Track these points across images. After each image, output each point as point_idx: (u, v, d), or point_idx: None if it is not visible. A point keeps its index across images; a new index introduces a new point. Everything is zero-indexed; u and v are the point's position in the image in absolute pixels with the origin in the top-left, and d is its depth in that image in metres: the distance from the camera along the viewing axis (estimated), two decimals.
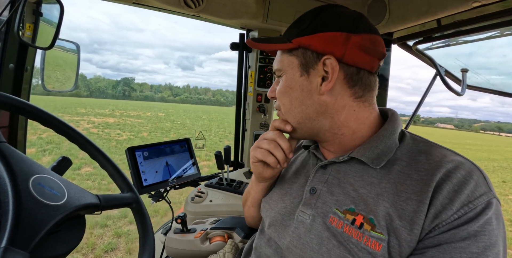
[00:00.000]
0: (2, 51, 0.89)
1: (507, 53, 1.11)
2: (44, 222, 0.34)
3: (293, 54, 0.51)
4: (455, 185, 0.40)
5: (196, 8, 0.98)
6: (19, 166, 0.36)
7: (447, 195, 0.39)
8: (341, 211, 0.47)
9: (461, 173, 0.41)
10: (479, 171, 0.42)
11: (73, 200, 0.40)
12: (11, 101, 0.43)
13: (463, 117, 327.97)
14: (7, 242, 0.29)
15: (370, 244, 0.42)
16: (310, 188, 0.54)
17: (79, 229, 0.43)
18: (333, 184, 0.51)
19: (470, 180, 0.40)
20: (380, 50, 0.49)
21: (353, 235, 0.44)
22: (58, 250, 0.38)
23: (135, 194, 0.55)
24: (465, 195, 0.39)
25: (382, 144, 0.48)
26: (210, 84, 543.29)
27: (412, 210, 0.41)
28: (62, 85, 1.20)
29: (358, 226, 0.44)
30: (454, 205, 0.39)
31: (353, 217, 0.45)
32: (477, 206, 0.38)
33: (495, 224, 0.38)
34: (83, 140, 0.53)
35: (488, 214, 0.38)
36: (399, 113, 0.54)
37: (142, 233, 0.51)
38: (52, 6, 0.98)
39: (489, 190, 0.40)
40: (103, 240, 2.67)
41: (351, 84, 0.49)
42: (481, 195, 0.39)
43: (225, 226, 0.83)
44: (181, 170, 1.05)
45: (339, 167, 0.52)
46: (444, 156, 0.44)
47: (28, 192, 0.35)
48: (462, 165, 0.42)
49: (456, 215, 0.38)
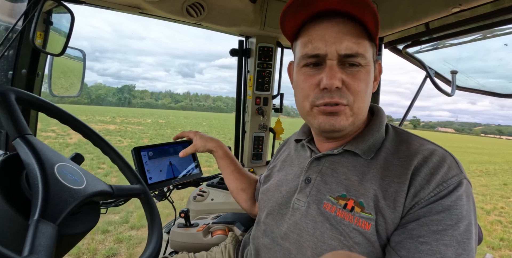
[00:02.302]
0: (16, 58, 0.95)
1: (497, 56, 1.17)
2: (68, 202, 0.39)
3: (372, 46, 0.50)
4: (431, 168, 0.45)
5: (197, 17, 1.04)
6: (45, 154, 0.41)
7: (424, 177, 0.45)
8: (334, 197, 0.51)
9: (435, 158, 0.46)
10: (451, 157, 0.48)
11: (90, 186, 0.45)
12: (36, 100, 0.49)
13: (463, 121, 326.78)
14: (39, 215, 0.34)
15: (360, 224, 0.46)
16: (305, 178, 0.58)
17: (95, 213, 0.48)
18: (326, 173, 0.55)
19: (444, 163, 0.46)
20: None
21: (345, 217, 0.48)
22: (78, 229, 0.43)
23: (143, 186, 0.60)
24: (439, 176, 0.44)
25: (372, 137, 0.53)
26: (210, 91, 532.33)
27: (394, 191, 0.46)
28: (68, 91, 1.26)
29: (349, 210, 0.48)
30: (430, 185, 0.44)
31: (345, 202, 0.49)
32: (450, 185, 0.44)
33: (465, 200, 0.43)
34: (97, 137, 0.58)
35: (460, 191, 0.43)
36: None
37: (151, 221, 0.56)
38: (61, 15, 1.05)
39: (460, 172, 0.45)
40: (105, 246, 2.67)
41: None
42: (453, 176, 0.45)
43: (226, 221, 0.87)
44: (184, 170, 1.09)
45: (333, 159, 0.56)
46: (421, 144, 0.50)
47: (54, 177, 0.40)
48: (436, 151, 0.48)
49: (433, 193, 0.44)
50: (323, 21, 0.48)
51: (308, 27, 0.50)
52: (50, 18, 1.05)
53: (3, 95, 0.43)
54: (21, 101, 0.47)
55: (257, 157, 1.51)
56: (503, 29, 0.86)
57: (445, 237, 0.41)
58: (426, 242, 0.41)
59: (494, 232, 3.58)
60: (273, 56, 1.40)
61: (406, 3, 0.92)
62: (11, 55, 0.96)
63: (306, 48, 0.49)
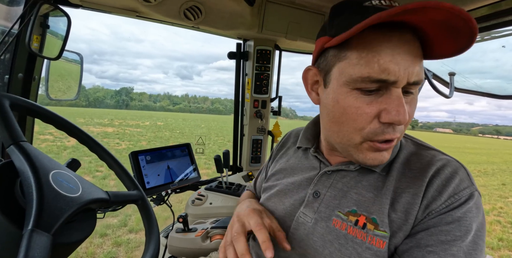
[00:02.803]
0: (12, 62, 0.94)
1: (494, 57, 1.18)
2: (63, 211, 0.38)
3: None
4: (443, 180, 0.44)
5: (195, 20, 1.04)
6: (40, 162, 0.41)
7: (436, 188, 0.44)
8: (344, 213, 0.48)
9: (448, 170, 0.45)
10: (463, 168, 0.47)
11: (86, 194, 0.44)
12: (31, 106, 0.48)
13: (461, 121, 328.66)
14: (33, 224, 0.33)
15: (375, 242, 0.44)
16: (314, 192, 0.54)
17: (91, 221, 0.47)
18: (336, 187, 0.52)
19: (456, 175, 0.45)
20: None
21: (357, 235, 0.45)
22: (74, 237, 0.42)
23: (140, 192, 0.59)
24: (451, 188, 0.44)
25: (392, 153, 0.50)
26: (209, 93, 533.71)
27: (406, 202, 0.45)
28: (65, 94, 1.25)
29: (361, 227, 0.45)
30: (442, 197, 0.43)
31: (356, 218, 0.46)
32: (461, 197, 0.43)
33: (475, 212, 0.43)
34: (93, 142, 0.58)
35: (470, 203, 0.43)
36: None
37: (148, 228, 0.55)
38: (57, 19, 1.04)
39: (471, 184, 0.45)
40: (103, 249, 2.65)
41: None
42: (465, 188, 0.44)
43: (225, 225, 0.86)
44: (182, 173, 1.09)
45: (346, 173, 0.53)
46: (434, 156, 0.48)
47: (49, 185, 0.39)
48: (449, 163, 0.47)
49: (444, 204, 0.43)
50: (392, 35, 0.38)
51: (368, 36, 0.39)
52: (47, 22, 1.04)
53: None
54: (15, 107, 0.46)
55: (255, 160, 1.50)
56: (500, 31, 0.86)
57: (453, 248, 0.40)
58: (433, 251, 0.41)
59: (493, 232, 3.59)
60: (271, 59, 1.40)
61: None
62: (7, 59, 0.95)
63: (369, 68, 0.39)
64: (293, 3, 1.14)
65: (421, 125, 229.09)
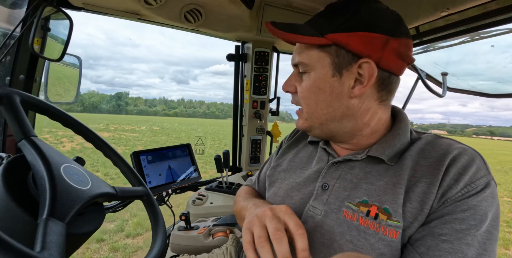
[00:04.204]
0: (14, 64, 0.95)
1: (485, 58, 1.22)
2: (75, 202, 0.39)
3: (325, 51, 0.47)
4: (460, 168, 0.44)
5: (195, 23, 1.06)
6: (51, 155, 0.42)
7: (452, 177, 0.43)
8: (354, 204, 0.47)
9: (465, 158, 0.45)
10: (480, 157, 0.46)
11: (95, 187, 0.45)
12: (40, 103, 0.49)
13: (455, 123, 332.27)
14: (48, 213, 0.34)
15: (388, 233, 0.43)
16: (322, 184, 0.53)
17: (100, 214, 0.48)
18: (346, 179, 0.51)
19: (473, 164, 0.44)
20: (410, 55, 0.49)
21: (370, 226, 0.44)
22: (85, 229, 0.43)
23: (146, 188, 0.60)
24: (468, 177, 0.43)
25: (399, 142, 0.49)
26: (205, 97, 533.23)
27: (421, 191, 0.44)
28: (63, 97, 1.26)
29: (373, 217, 0.44)
30: (459, 185, 0.42)
31: (367, 209, 0.45)
32: (478, 186, 0.42)
33: (490, 201, 0.42)
34: (99, 140, 0.59)
35: (486, 192, 0.42)
36: None
37: (154, 221, 0.56)
38: (58, 22, 1.06)
39: (488, 173, 0.44)
40: (100, 255, 2.62)
41: (381, 88, 0.49)
42: (482, 177, 0.43)
43: (227, 223, 0.87)
44: (183, 173, 1.09)
45: (353, 163, 0.52)
46: (449, 144, 0.48)
47: (61, 177, 0.40)
48: (465, 151, 0.46)
49: (460, 193, 0.42)
50: None
51: None
52: (48, 25, 1.06)
53: (9, 98, 0.44)
54: (25, 104, 0.47)
55: (255, 160, 1.52)
56: (489, 32, 0.90)
57: (468, 237, 0.40)
58: (448, 240, 0.40)
59: None
60: (269, 61, 1.43)
61: (397, 8, 0.95)
62: (9, 61, 0.96)
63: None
64: (291, 6, 1.17)
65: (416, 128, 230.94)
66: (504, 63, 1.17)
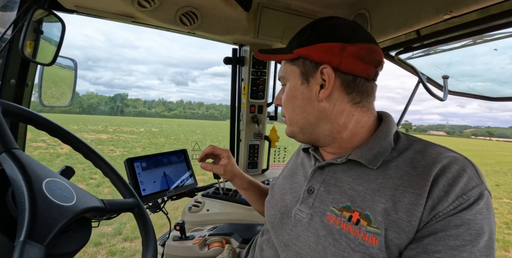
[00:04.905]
0: (5, 68, 0.92)
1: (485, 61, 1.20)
2: (56, 220, 0.36)
3: (295, 64, 0.55)
4: (450, 179, 0.42)
5: (191, 25, 1.04)
6: (32, 170, 0.39)
7: (442, 188, 0.42)
8: (338, 209, 0.49)
9: (455, 168, 0.43)
10: (472, 166, 0.45)
11: (81, 202, 0.43)
12: (24, 112, 0.47)
13: (454, 124, 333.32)
14: (25, 236, 0.32)
15: (367, 239, 0.43)
16: (308, 188, 0.56)
17: (86, 231, 0.45)
18: (330, 183, 0.53)
19: (464, 173, 0.43)
20: (376, 58, 0.52)
21: (350, 231, 0.45)
22: (68, 248, 0.40)
23: (137, 200, 0.58)
24: (459, 188, 0.41)
25: (378, 145, 0.50)
26: (204, 98, 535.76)
27: (409, 202, 0.43)
28: (59, 100, 1.24)
29: (354, 223, 0.45)
30: (449, 197, 0.41)
31: (350, 214, 0.47)
32: (470, 197, 0.41)
33: (485, 213, 0.41)
34: (87, 149, 0.56)
35: (480, 204, 0.41)
36: None
37: (145, 236, 0.53)
38: (51, 24, 1.03)
39: (481, 182, 0.43)
40: None
41: (348, 91, 0.52)
42: (474, 187, 0.42)
43: (223, 232, 0.85)
44: (178, 180, 1.07)
45: (336, 167, 0.54)
46: (439, 153, 0.47)
47: (42, 193, 0.37)
48: (456, 160, 0.45)
49: (452, 206, 0.41)
50: None
51: None
52: (41, 27, 1.03)
53: None
54: (7, 113, 0.45)
55: (252, 165, 1.49)
56: (492, 35, 0.88)
57: (463, 253, 0.38)
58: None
59: None
60: (267, 64, 1.40)
61: (398, 11, 0.94)
62: (0, 65, 0.93)
63: None
64: (289, 9, 1.15)
65: (415, 129, 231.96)
66: (502, 64, 1.16)
